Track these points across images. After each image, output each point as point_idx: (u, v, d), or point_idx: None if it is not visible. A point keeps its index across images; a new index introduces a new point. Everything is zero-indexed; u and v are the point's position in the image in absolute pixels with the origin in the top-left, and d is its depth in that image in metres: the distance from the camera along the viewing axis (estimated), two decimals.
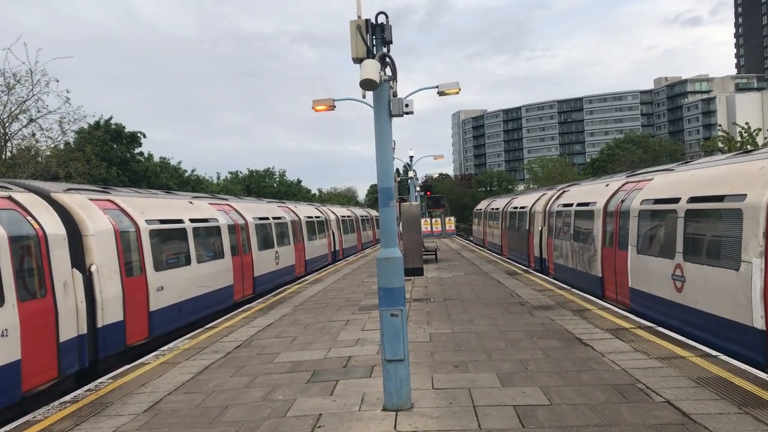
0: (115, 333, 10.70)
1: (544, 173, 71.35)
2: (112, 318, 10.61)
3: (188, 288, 13.69)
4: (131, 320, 11.18)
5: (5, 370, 7.79)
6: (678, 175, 11.29)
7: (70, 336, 9.31)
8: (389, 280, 6.70)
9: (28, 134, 24.00)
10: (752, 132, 33.93)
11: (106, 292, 10.44)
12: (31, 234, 8.86)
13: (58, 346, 9.03)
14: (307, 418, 6.53)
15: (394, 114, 6.80)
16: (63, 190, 11.04)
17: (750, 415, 5.88)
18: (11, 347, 7.91)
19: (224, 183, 66.64)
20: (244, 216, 18.76)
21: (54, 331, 8.98)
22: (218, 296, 15.54)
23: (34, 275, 8.82)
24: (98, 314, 10.22)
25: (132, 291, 11.32)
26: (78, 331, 9.58)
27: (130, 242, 11.65)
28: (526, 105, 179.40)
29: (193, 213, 15.12)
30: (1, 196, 8.92)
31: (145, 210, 12.69)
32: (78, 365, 9.53)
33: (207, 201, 17.44)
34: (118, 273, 10.96)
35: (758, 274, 7.72)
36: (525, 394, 6.94)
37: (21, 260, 8.51)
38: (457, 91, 17.33)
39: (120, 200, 12.16)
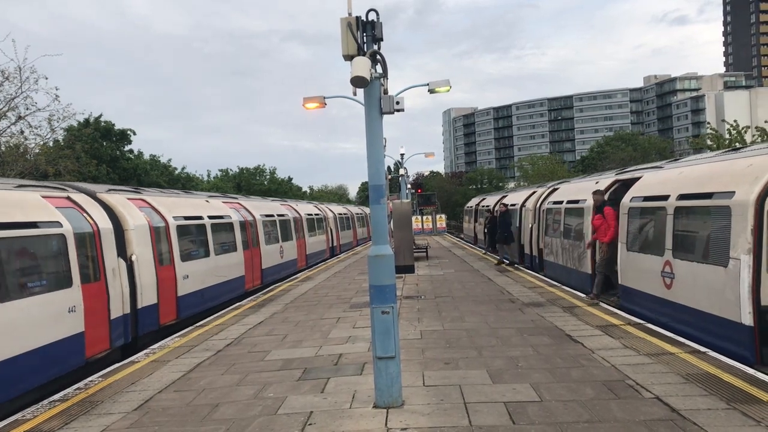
0: (151, 314, 12.31)
1: (535, 171, 71.39)
2: (149, 301, 12.22)
3: (208, 277, 15.31)
4: (163, 303, 12.84)
5: (74, 338, 9.49)
6: (667, 173, 11.35)
7: (117, 315, 10.96)
8: (380, 278, 6.70)
9: (17, 132, 23.80)
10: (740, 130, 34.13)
11: (144, 279, 12.04)
12: (87, 228, 10.46)
13: (109, 323, 10.66)
14: (298, 416, 6.53)
15: (385, 111, 6.79)
16: (105, 190, 12.72)
17: (738, 411, 5.93)
18: (77, 321, 9.58)
19: (215, 181, 66.45)
20: (252, 213, 20.19)
21: (106, 310, 10.62)
22: (232, 285, 17.14)
23: (91, 262, 10.40)
24: (138, 297, 11.80)
25: (163, 278, 12.94)
26: (123, 311, 11.19)
27: (161, 236, 13.23)
28: (517, 103, 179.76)
29: (210, 210, 16.80)
30: (61, 196, 10.52)
31: (171, 208, 14.33)
32: (123, 340, 11.17)
33: (221, 200, 19.08)
34: (153, 262, 12.53)
35: (746, 270, 7.77)
36: (515, 391, 6.97)
37: (81, 250, 10.06)
38: (448, 89, 17.35)
39: (150, 199, 13.78)
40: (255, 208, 20.93)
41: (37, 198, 9.81)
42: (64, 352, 9.18)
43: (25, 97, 22.64)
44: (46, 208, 9.69)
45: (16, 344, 8.13)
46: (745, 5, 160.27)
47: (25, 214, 9.06)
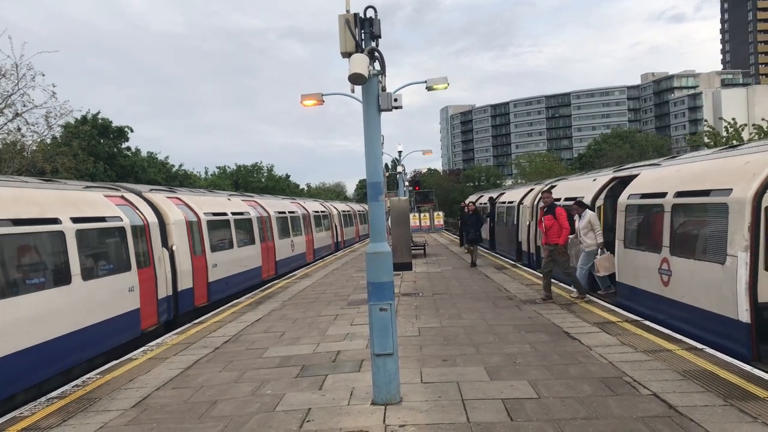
0: (188, 296, 14.24)
1: (532, 168, 71.47)
2: (186, 285, 14.14)
3: (232, 266, 17.26)
4: (197, 288, 14.75)
5: (133, 313, 11.51)
6: (665, 170, 11.36)
7: (163, 295, 12.89)
8: (378, 275, 6.70)
9: (14, 129, 23.75)
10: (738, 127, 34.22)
11: (182, 266, 13.97)
12: (139, 222, 12.33)
13: (157, 302, 12.59)
14: (296, 413, 6.54)
15: (383, 108, 6.79)
16: (148, 190, 14.65)
17: (735, 407, 5.95)
18: (135, 299, 11.57)
19: (212, 178, 66.46)
20: (267, 210, 22.20)
21: (155, 291, 12.52)
22: (251, 274, 19.11)
23: (143, 251, 12.28)
24: (178, 281, 13.75)
25: (197, 266, 14.82)
26: (167, 292, 13.14)
27: (194, 229, 15.10)
28: (514, 100, 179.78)
29: (232, 207, 18.77)
30: (117, 195, 12.49)
31: (201, 205, 16.27)
32: (167, 316, 13.15)
33: (239, 198, 21.16)
34: (189, 252, 14.45)
35: (743, 268, 7.79)
36: (513, 388, 6.98)
37: (136, 240, 11.91)
38: (446, 86, 17.36)
39: (184, 197, 15.77)
40: (269, 206, 22.96)
41: (101, 197, 11.78)
42: (127, 323, 11.26)
43: (22, 94, 22.60)
44: (108, 206, 11.66)
45: (102, 312, 10.37)
46: (742, 3, 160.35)
47: (96, 210, 11.06)
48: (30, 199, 9.46)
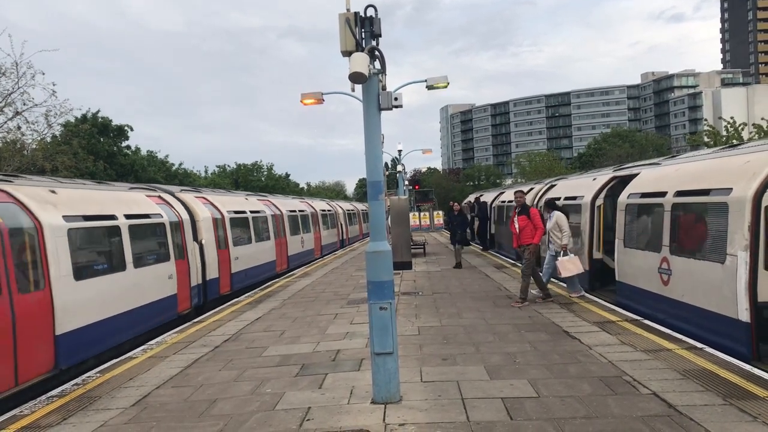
0: (215, 285, 16.02)
1: (532, 167, 71.51)
2: (213, 275, 15.90)
3: (251, 259, 19.07)
4: (222, 278, 16.57)
5: (172, 297, 13.33)
6: (664, 170, 11.36)
7: (194, 283, 14.70)
8: (378, 274, 6.71)
9: (14, 127, 23.74)
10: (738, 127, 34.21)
11: (209, 258, 15.71)
12: (175, 219, 14.08)
13: (190, 288, 14.35)
14: (296, 411, 6.54)
15: (384, 107, 6.79)
16: (179, 190, 16.50)
17: (735, 407, 5.95)
18: (173, 285, 13.37)
19: (212, 177, 66.44)
20: (279, 209, 23.95)
21: (188, 279, 14.25)
22: (267, 267, 20.94)
23: (178, 244, 13.99)
24: (207, 271, 15.53)
25: (222, 258, 16.61)
26: (198, 281, 14.90)
27: (219, 226, 16.82)
28: (514, 99, 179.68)
29: (250, 206, 20.42)
30: (155, 195, 14.22)
31: (224, 204, 17.96)
32: (198, 301, 14.90)
33: (255, 198, 22.87)
34: (215, 246, 16.18)
35: (743, 267, 7.79)
36: (513, 387, 6.98)
37: (173, 235, 13.69)
38: (446, 85, 17.38)
39: (210, 197, 17.52)
40: (282, 205, 24.85)
41: (143, 197, 13.45)
42: (167, 306, 13.11)
43: (22, 92, 22.60)
44: (150, 204, 13.34)
45: (149, 295, 12.21)
46: (742, 2, 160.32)
47: (141, 208, 12.77)
48: (93, 199, 11.34)
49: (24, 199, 9.26)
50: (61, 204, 10.06)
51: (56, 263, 9.27)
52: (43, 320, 8.95)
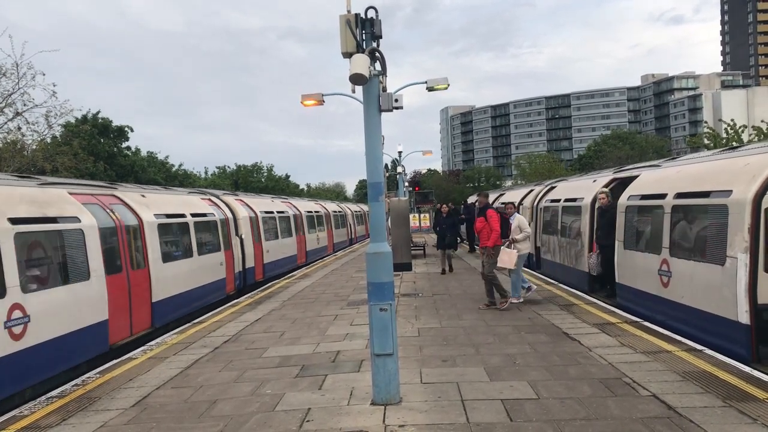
0: (251, 272, 19.18)
1: (532, 169, 71.51)
2: (250, 264, 19.07)
3: (278, 252, 22.51)
4: (257, 267, 19.78)
5: (222, 281, 16.41)
6: (665, 171, 11.37)
7: (237, 270, 17.94)
8: (378, 275, 6.71)
9: (14, 128, 23.74)
10: (738, 129, 34.22)
11: (247, 250, 18.84)
12: (222, 217, 17.27)
13: (234, 274, 17.53)
14: (296, 413, 6.54)
15: (384, 109, 6.79)
16: (222, 194, 19.89)
17: (734, 408, 5.96)
18: (223, 271, 16.49)
19: (212, 178, 66.45)
20: (299, 209, 27.59)
21: (233, 266, 17.39)
22: (290, 260, 24.55)
23: (226, 237, 17.13)
24: (246, 261, 18.65)
25: (256, 251, 19.80)
26: (239, 268, 18.10)
27: (254, 223, 20.00)
28: (514, 101, 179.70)
29: (276, 207, 23.98)
30: (207, 198, 17.47)
31: (257, 205, 21.39)
32: (239, 284, 18.00)
33: (279, 200, 26.74)
34: (251, 240, 19.34)
35: (743, 269, 7.79)
36: (513, 388, 6.98)
37: (222, 230, 16.93)
38: (446, 86, 17.37)
39: (245, 199, 20.91)
40: (301, 206, 28.59)
41: (199, 199, 16.78)
42: (219, 286, 16.28)
43: (23, 93, 22.59)
44: (205, 205, 16.61)
45: (207, 277, 15.32)
46: (742, 4, 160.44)
47: (199, 208, 15.98)
48: (168, 201, 14.48)
49: (129, 202, 12.34)
50: (151, 204, 13.17)
51: (152, 249, 12.38)
52: (145, 290, 12.01)
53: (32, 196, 9.40)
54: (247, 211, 19.75)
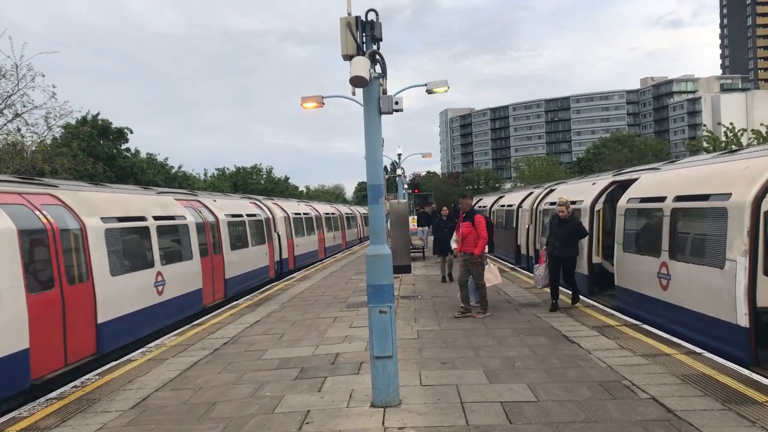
0: (285, 263, 23.92)
1: (531, 172, 71.54)
2: (285, 256, 23.84)
3: (304, 247, 27.65)
4: (289, 258, 24.63)
5: (267, 266, 20.50)
6: (664, 175, 11.38)
7: (276, 260, 22.29)
8: (378, 277, 6.71)
9: (14, 129, 23.71)
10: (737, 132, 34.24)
11: (282, 244, 23.44)
12: (266, 217, 21.73)
13: (273, 264, 21.82)
14: (296, 415, 6.54)
15: (384, 111, 6.79)
16: (263, 198, 25.22)
17: (733, 412, 5.96)
18: (267, 259, 20.76)
19: (211, 179, 66.38)
20: (319, 211, 33.13)
21: (273, 257, 21.67)
22: (313, 254, 29.51)
23: (268, 233, 21.49)
24: (282, 253, 23.42)
25: (289, 245, 24.70)
26: (276, 259, 22.42)
27: (286, 222, 24.87)
28: (514, 104, 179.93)
29: (302, 209, 29.37)
30: (253, 201, 21.98)
31: (289, 207, 26.87)
32: (278, 271, 22.40)
33: (303, 203, 32.51)
34: (285, 236, 24.09)
35: (742, 272, 7.80)
36: (512, 391, 6.98)
37: (267, 227, 21.38)
38: (446, 89, 17.39)
39: (280, 203, 26.18)
40: (320, 209, 34.21)
41: (248, 202, 21.35)
42: (264, 270, 20.78)
43: (22, 94, 22.55)
44: (253, 208, 21.18)
45: (257, 263, 19.84)
46: (741, 8, 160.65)
47: (250, 209, 20.66)
48: (232, 204, 19.38)
49: (209, 205, 16.94)
50: (222, 207, 17.80)
51: (225, 240, 17.05)
52: (220, 268, 16.49)
53: (158, 200, 14.08)
54: (282, 212, 24.84)
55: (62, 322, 9.26)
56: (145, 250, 12.47)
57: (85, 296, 9.99)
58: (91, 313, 10.12)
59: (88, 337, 9.96)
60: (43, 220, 9.36)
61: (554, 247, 11.92)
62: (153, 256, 12.55)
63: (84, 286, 9.99)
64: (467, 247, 11.84)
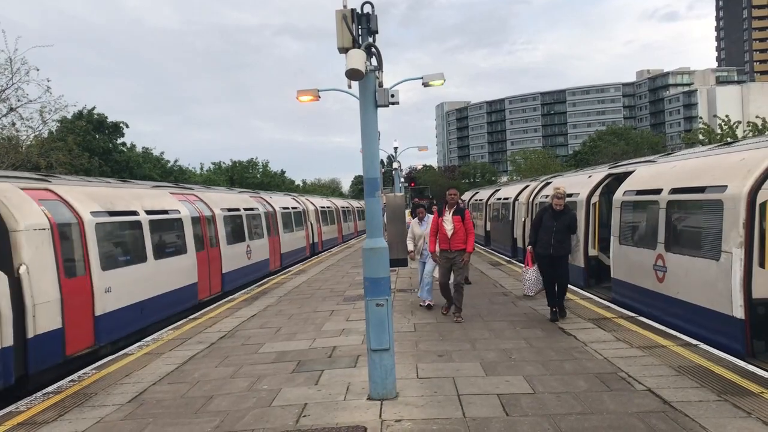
0: (317, 245, 31.06)
1: (527, 165, 71.53)
2: (316, 240, 31.32)
3: (329, 234, 35.24)
4: (319, 242, 31.67)
5: (304, 248, 28.13)
6: (660, 167, 11.39)
7: (309, 243, 29.29)
8: (375, 270, 6.71)
9: (8, 124, 23.63)
10: (732, 125, 34.29)
11: (314, 231, 30.74)
12: (303, 209, 29.16)
13: (308, 244, 29.00)
14: (293, 408, 6.55)
15: (380, 104, 6.78)
16: (297, 195, 33.54)
17: (729, 403, 5.99)
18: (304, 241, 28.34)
19: (208, 174, 66.14)
20: (337, 205, 41.42)
21: (308, 239, 29.07)
22: (335, 241, 37.46)
23: (304, 222, 28.74)
24: (314, 238, 30.54)
25: (318, 232, 31.55)
26: (310, 242, 29.40)
27: (317, 214, 32.19)
28: (510, 97, 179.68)
29: (325, 203, 37.13)
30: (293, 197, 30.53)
31: (317, 202, 34.59)
32: (312, 251, 29.46)
33: (326, 199, 41.56)
34: (317, 225, 31.72)
35: (738, 264, 7.82)
36: (509, 383, 7.00)
37: (304, 217, 28.94)
38: (442, 82, 17.38)
39: (310, 199, 33.82)
40: (338, 203, 42.99)
41: (290, 198, 28.58)
42: (302, 251, 27.59)
43: (17, 88, 22.48)
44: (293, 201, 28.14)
45: (298, 245, 26.85)
46: (737, 0, 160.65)
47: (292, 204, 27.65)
48: (284, 200, 26.44)
49: (270, 201, 22.08)
50: (276, 202, 23.87)
51: (280, 226, 23.66)
52: (277, 245, 22.28)
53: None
54: (313, 205, 32.18)
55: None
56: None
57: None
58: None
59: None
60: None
61: (548, 245, 10.26)
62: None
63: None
64: (456, 244, 10.75)
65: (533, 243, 10.66)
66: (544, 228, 10.36)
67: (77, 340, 9.68)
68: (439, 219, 11.01)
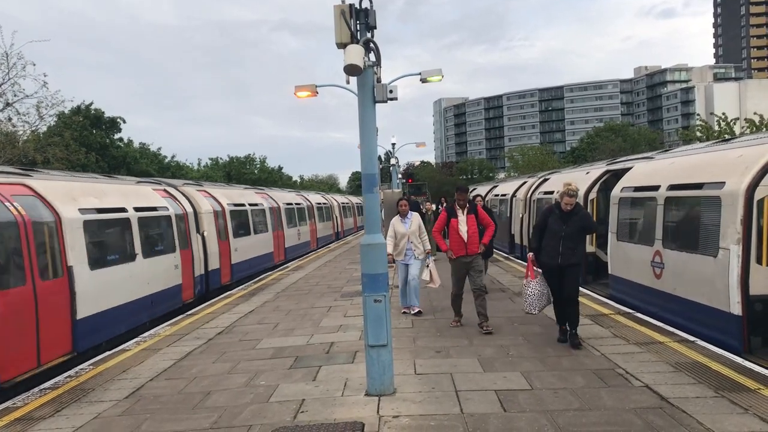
0: (341, 233, 42.39)
1: (525, 161, 71.55)
2: (339, 229, 41.88)
3: (348, 225, 46.46)
4: (340, 231, 42.21)
5: (331, 234, 38.26)
6: (658, 163, 11.39)
7: (336, 231, 40.67)
8: (373, 266, 6.71)
9: (5, 119, 23.55)
10: (730, 122, 34.31)
11: (338, 221, 41.85)
12: (330, 204, 39.76)
13: (335, 232, 40.11)
14: (290, 403, 6.54)
15: (379, 100, 6.76)
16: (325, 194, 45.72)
17: (726, 399, 6.00)
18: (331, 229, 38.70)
19: (205, 169, 66.06)
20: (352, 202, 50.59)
21: (335, 229, 40.18)
22: (350, 230, 46.43)
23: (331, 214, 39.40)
24: (337, 227, 41.26)
25: (339, 222, 42.45)
26: (335, 230, 40.29)
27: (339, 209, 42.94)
28: (507, 93, 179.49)
29: (344, 200, 48.57)
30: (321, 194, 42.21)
31: (337, 199, 45.25)
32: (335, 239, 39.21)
33: (343, 196, 53.12)
34: (341, 218, 43.40)
35: (735, 260, 7.83)
36: (506, 379, 7.01)
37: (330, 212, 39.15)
38: (440, 78, 17.33)
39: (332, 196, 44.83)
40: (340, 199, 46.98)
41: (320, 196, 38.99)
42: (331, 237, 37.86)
43: (13, 83, 22.39)
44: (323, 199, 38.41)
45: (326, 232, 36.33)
46: None
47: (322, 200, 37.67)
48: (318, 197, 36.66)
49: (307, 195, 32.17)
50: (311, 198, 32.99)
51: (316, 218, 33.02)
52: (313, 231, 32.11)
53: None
54: (336, 202, 41.05)
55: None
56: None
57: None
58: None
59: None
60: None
61: (556, 254, 8.40)
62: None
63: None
64: (472, 248, 9.99)
65: (535, 250, 8.79)
66: (550, 232, 8.49)
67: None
68: (452, 219, 10.02)
